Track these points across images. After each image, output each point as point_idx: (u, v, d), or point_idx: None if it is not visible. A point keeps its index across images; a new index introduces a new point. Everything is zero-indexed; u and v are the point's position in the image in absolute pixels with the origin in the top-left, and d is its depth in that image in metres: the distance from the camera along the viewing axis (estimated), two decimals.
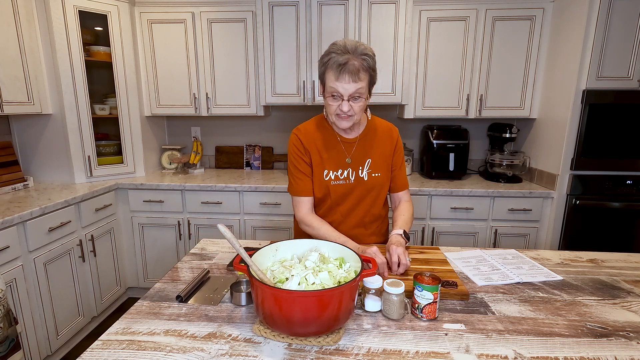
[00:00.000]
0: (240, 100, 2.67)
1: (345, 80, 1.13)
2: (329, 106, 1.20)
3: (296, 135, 1.33)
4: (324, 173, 1.31)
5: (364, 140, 1.34)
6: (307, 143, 1.31)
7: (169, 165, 2.95)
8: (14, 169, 2.30)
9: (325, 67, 1.17)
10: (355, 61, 1.12)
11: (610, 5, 2.03)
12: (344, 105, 1.16)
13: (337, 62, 1.12)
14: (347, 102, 1.16)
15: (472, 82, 2.52)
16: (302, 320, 0.77)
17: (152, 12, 2.56)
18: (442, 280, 1.02)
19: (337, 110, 1.19)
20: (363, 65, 1.13)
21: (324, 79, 1.20)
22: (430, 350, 0.80)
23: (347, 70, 1.11)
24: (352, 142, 1.33)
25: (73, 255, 2.11)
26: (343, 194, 1.33)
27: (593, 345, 0.81)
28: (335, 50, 1.14)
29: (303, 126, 1.36)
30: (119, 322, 0.90)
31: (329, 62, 1.15)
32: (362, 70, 1.13)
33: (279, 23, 2.46)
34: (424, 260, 1.24)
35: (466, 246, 2.33)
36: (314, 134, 1.33)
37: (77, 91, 2.33)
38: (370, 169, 1.33)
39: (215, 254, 1.31)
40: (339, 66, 1.12)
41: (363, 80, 1.14)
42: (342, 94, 1.15)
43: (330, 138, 1.32)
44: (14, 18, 2.06)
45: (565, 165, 2.26)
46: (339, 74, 1.12)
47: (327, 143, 1.32)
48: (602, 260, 1.27)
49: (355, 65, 1.12)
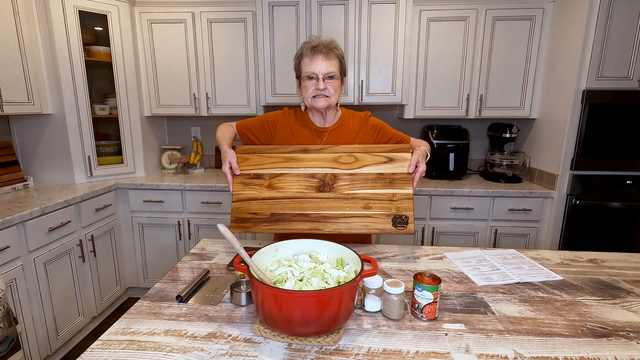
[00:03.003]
0: (240, 100, 2.67)
1: (319, 59, 1.24)
2: (305, 90, 1.28)
3: (281, 114, 1.41)
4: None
5: (337, 129, 1.39)
6: (281, 127, 1.39)
7: (169, 165, 2.95)
8: (14, 169, 2.30)
9: (300, 58, 1.29)
10: (325, 47, 1.26)
11: (610, 5, 2.03)
12: (320, 84, 1.25)
13: (310, 46, 1.26)
14: (323, 80, 1.25)
15: (472, 82, 2.52)
16: (302, 320, 0.77)
17: (152, 12, 2.56)
18: (394, 214, 1.11)
19: (314, 91, 1.27)
20: (333, 51, 1.27)
21: (299, 71, 1.30)
22: (430, 350, 0.80)
23: (319, 51, 1.24)
24: (324, 131, 1.38)
25: (73, 255, 2.11)
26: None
27: (593, 345, 0.81)
28: (307, 42, 1.30)
29: (288, 112, 1.43)
30: (119, 322, 0.90)
31: (302, 51, 1.28)
32: (332, 54, 1.26)
33: (279, 23, 2.46)
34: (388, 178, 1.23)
35: (466, 246, 2.33)
36: (293, 123, 1.40)
37: (77, 91, 2.33)
38: None
39: (215, 254, 1.31)
40: (312, 49, 1.25)
41: (334, 61, 1.26)
42: (317, 74, 1.25)
43: (304, 129, 1.39)
44: (14, 18, 2.06)
45: (565, 165, 2.26)
46: (313, 55, 1.25)
47: (299, 133, 1.39)
48: (602, 260, 1.27)
49: (327, 48, 1.25)
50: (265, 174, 1.18)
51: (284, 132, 1.39)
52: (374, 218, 1.16)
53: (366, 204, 1.18)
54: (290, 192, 1.15)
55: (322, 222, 1.12)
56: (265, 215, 1.08)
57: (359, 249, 1.32)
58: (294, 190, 1.15)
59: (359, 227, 1.14)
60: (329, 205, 1.15)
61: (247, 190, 1.13)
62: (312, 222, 1.10)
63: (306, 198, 1.15)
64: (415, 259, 1.27)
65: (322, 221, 1.12)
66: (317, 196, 1.16)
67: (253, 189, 1.14)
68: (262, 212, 1.08)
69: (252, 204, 1.10)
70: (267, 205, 1.11)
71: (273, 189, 1.15)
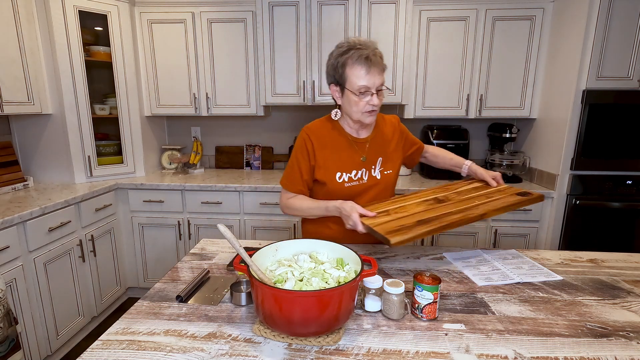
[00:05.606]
0: (240, 100, 2.67)
1: (375, 72, 1.13)
2: (356, 104, 1.17)
3: (307, 135, 1.28)
4: (336, 176, 1.27)
5: (375, 138, 1.33)
6: (318, 145, 1.27)
7: (169, 165, 2.95)
8: (14, 169, 2.30)
9: (346, 66, 1.14)
10: (375, 54, 1.14)
11: (610, 5, 2.03)
12: (374, 99, 1.15)
13: (364, 56, 1.11)
14: (376, 95, 1.15)
15: (472, 82, 2.52)
16: (302, 320, 0.77)
17: (152, 12, 2.56)
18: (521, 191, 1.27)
19: (367, 107, 1.17)
20: (381, 57, 1.16)
21: (344, 79, 1.16)
22: (430, 350, 0.80)
23: (373, 62, 1.12)
24: (364, 142, 1.31)
25: (73, 255, 2.11)
26: (356, 194, 1.30)
27: (593, 345, 0.81)
28: (353, 46, 1.14)
29: (314, 126, 1.31)
30: (119, 322, 0.90)
31: (350, 59, 1.13)
32: (382, 62, 1.16)
33: (279, 23, 2.46)
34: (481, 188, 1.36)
35: (466, 246, 2.33)
36: (326, 135, 1.29)
37: (77, 91, 2.33)
38: (382, 166, 1.32)
39: (215, 254, 1.31)
40: (367, 60, 1.11)
41: (384, 71, 1.17)
42: (371, 89, 1.14)
43: (342, 139, 1.29)
44: (14, 18, 2.06)
45: (565, 165, 2.26)
46: (369, 68, 1.12)
47: (339, 145, 1.29)
48: (602, 260, 1.27)
49: (377, 58, 1.13)
50: (389, 209, 1.21)
51: (322, 149, 1.27)
52: (502, 199, 1.24)
53: (486, 196, 1.28)
54: (417, 210, 1.20)
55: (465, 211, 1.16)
56: (412, 223, 1.09)
57: (359, 249, 1.32)
58: (420, 209, 1.21)
59: (498, 204, 1.20)
60: (455, 206, 1.22)
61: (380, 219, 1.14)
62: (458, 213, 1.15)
63: (432, 209, 1.21)
64: (415, 259, 1.27)
65: (465, 211, 1.16)
66: (441, 206, 1.23)
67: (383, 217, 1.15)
68: (408, 222, 1.10)
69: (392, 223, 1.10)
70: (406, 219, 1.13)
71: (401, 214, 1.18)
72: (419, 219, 1.12)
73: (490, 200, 1.24)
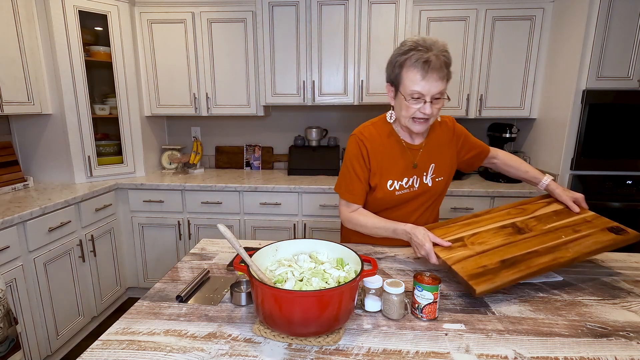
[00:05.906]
0: (240, 100, 2.67)
1: (432, 79, 1.05)
2: (407, 109, 1.11)
3: (361, 140, 1.23)
4: (387, 183, 1.23)
5: (429, 145, 1.27)
6: (372, 150, 1.22)
7: (169, 165, 2.95)
8: (14, 169, 2.30)
9: (403, 67, 1.08)
10: (439, 58, 1.05)
11: (610, 5, 2.03)
12: (426, 108, 1.09)
13: (422, 59, 1.04)
14: (430, 103, 1.08)
15: (472, 82, 2.53)
16: (302, 320, 0.77)
17: (152, 12, 2.57)
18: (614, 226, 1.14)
19: (417, 113, 1.11)
20: (445, 63, 1.07)
21: (399, 80, 1.11)
22: (430, 350, 0.80)
23: (433, 68, 1.04)
24: (417, 148, 1.25)
25: (73, 255, 2.11)
26: (405, 201, 1.27)
27: (593, 345, 0.81)
28: (414, 47, 1.06)
29: (367, 130, 1.25)
30: (119, 322, 0.90)
31: (409, 61, 1.06)
32: (445, 67, 1.07)
33: (279, 23, 2.46)
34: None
35: None
36: (378, 140, 1.23)
37: (77, 91, 2.33)
38: (434, 173, 1.27)
39: (215, 254, 1.31)
40: (425, 64, 1.04)
41: (445, 76, 1.08)
42: (425, 95, 1.07)
43: (396, 145, 1.24)
44: (14, 18, 2.06)
45: (565, 165, 2.26)
46: (426, 73, 1.04)
47: (392, 150, 1.23)
48: (602, 260, 1.27)
49: (440, 63, 1.05)
50: (463, 237, 1.13)
51: (375, 154, 1.23)
52: (592, 236, 1.12)
53: (573, 229, 1.16)
54: (496, 242, 1.10)
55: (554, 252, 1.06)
56: (495, 263, 1.02)
57: (359, 249, 1.32)
58: (499, 240, 1.11)
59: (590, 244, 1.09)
60: (539, 240, 1.11)
61: (456, 253, 1.06)
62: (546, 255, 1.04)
63: (513, 242, 1.11)
64: (416, 259, 1.27)
65: (554, 251, 1.06)
66: (523, 238, 1.13)
67: (460, 250, 1.08)
68: (491, 262, 1.02)
69: (472, 261, 1.03)
70: (487, 256, 1.05)
71: (478, 245, 1.10)
72: (502, 258, 1.03)
73: (579, 236, 1.12)
